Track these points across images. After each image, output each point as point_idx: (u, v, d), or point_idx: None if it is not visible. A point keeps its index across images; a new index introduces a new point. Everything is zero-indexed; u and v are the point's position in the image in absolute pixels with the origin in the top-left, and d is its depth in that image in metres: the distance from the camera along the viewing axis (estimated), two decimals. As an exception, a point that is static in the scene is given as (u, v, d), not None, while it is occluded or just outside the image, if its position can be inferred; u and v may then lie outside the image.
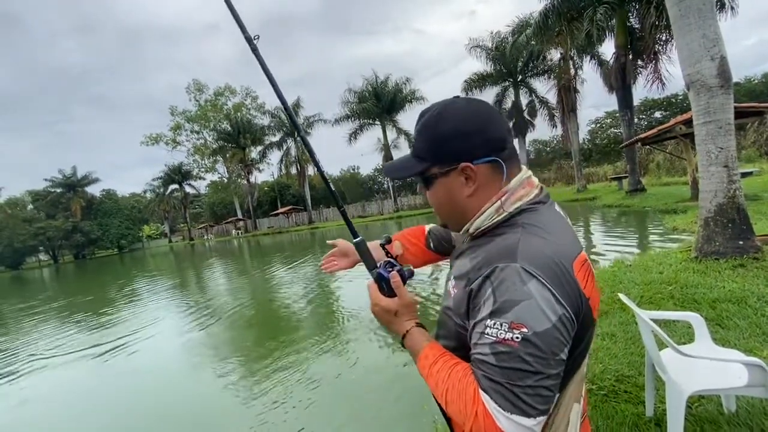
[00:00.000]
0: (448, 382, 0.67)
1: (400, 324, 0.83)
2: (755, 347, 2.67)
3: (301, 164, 39.14)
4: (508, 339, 0.59)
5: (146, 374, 4.82)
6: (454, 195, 0.75)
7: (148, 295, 11.29)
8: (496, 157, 0.72)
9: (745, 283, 3.72)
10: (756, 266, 4.08)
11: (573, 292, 0.63)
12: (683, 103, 34.87)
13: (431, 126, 0.75)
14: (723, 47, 4.32)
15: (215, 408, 3.73)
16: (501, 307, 0.61)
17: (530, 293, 0.60)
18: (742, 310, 3.24)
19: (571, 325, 0.62)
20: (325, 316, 6.30)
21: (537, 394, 0.59)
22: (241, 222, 47.49)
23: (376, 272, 0.86)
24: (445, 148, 0.73)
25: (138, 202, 62.30)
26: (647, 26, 13.50)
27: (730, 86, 4.33)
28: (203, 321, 6.96)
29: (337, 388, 3.75)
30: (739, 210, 4.39)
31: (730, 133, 4.39)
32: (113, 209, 53.53)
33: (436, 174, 0.75)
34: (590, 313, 0.67)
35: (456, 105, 0.75)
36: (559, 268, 0.63)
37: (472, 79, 26.69)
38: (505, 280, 0.62)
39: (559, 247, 0.67)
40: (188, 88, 48.61)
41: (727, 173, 4.39)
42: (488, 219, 0.73)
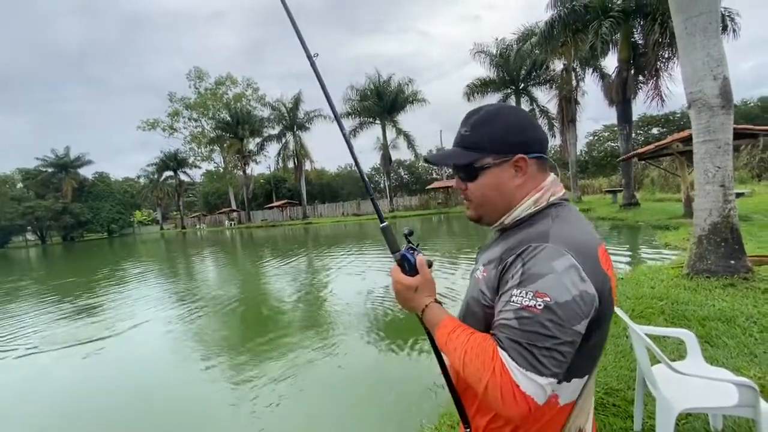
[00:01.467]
0: (467, 345, 0.73)
1: (420, 300, 0.88)
2: (743, 366, 2.69)
3: (298, 158, 38.95)
4: (531, 306, 0.66)
5: (129, 367, 4.72)
6: (503, 185, 0.82)
7: (135, 283, 11.14)
8: (543, 154, 0.83)
9: (735, 303, 3.75)
10: (745, 286, 4.12)
11: (597, 273, 0.71)
12: (680, 120, 35.26)
13: (489, 120, 0.83)
14: (726, 68, 4.35)
15: (198, 402, 3.68)
16: (528, 278, 0.69)
17: (555, 268, 0.68)
18: (730, 329, 3.27)
19: (593, 302, 0.69)
20: (315, 313, 6.26)
21: (552, 356, 0.66)
22: (235, 213, 47.16)
23: (399, 254, 0.92)
24: (502, 140, 0.81)
25: (131, 186, 61.61)
26: (651, 43, 13.62)
27: (730, 107, 4.37)
28: (191, 312, 6.88)
29: (323, 385, 3.72)
30: (733, 230, 4.43)
31: (729, 153, 4.42)
32: (105, 192, 52.88)
33: (489, 164, 0.82)
34: (610, 296, 0.75)
35: (509, 106, 0.87)
36: (587, 250, 0.72)
37: (474, 84, 26.75)
38: (535, 256, 0.70)
39: (585, 234, 0.76)
40: (189, 75, 48.24)
41: (723, 192, 4.43)
42: (525, 210, 0.81)
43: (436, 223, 24.27)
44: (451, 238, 15.81)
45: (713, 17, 4.31)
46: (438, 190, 36.10)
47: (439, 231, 19.12)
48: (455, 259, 9.84)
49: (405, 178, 49.16)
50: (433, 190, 36.35)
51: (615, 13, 14.14)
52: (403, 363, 4.03)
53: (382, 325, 5.22)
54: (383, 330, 5.05)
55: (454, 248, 12.09)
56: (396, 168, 45.09)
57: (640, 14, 14.35)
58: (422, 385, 3.33)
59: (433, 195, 37.01)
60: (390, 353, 4.30)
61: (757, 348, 2.90)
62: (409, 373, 3.83)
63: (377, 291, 7.12)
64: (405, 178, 49.16)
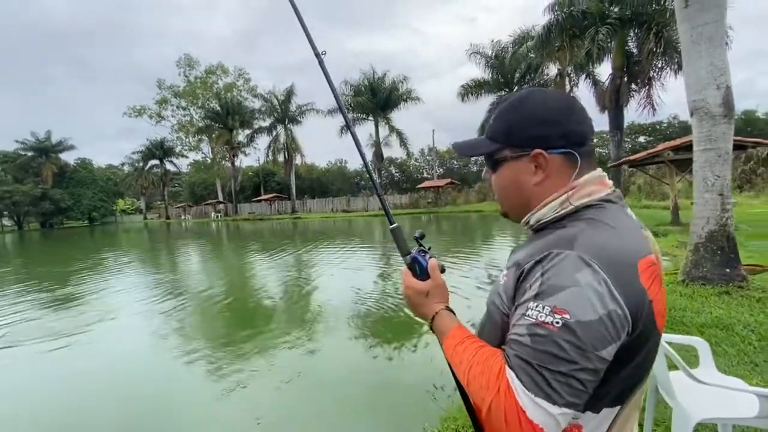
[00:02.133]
0: (473, 359, 0.66)
1: (430, 306, 0.84)
2: (744, 375, 2.69)
3: (289, 152, 38.53)
4: (548, 323, 0.57)
5: (106, 361, 4.53)
6: (520, 181, 0.75)
7: (114, 274, 10.82)
8: (572, 150, 0.72)
9: (731, 311, 3.79)
10: (740, 294, 4.17)
11: (634, 291, 0.60)
12: (667, 130, 36.08)
13: (513, 109, 0.75)
14: (729, 77, 4.39)
15: (177, 399, 3.54)
16: (546, 290, 0.59)
17: (578, 281, 0.58)
18: (730, 336, 3.29)
19: (623, 324, 0.58)
20: (304, 310, 6.13)
21: (567, 383, 0.56)
22: (222, 205, 46.46)
23: (410, 257, 0.88)
24: (521, 132, 0.73)
25: (114, 174, 60.10)
26: (645, 51, 13.83)
27: (732, 116, 4.41)
28: (172, 305, 6.68)
29: (318, 386, 3.62)
30: (729, 238, 4.48)
31: (728, 162, 4.47)
32: (87, 179, 51.44)
33: (507, 157, 0.76)
34: (653, 317, 0.63)
35: (542, 93, 0.76)
36: (622, 261, 0.61)
37: (469, 84, 26.86)
38: (556, 265, 0.60)
39: (624, 242, 0.64)
40: (179, 62, 47.24)
41: (721, 201, 4.47)
42: (551, 211, 0.72)
43: (425, 222, 24.29)
44: (439, 237, 15.82)
45: (719, 27, 4.34)
46: (428, 190, 36.17)
47: (428, 230, 19.13)
48: (441, 260, 9.81)
49: (396, 176, 49.15)
50: (424, 190, 36.41)
51: (612, 20, 14.31)
52: (400, 364, 3.96)
53: (376, 324, 5.14)
54: (377, 329, 4.97)
55: (441, 248, 12.08)
56: (387, 166, 45.01)
57: (636, 23, 14.56)
58: (421, 388, 3.26)
59: (423, 194, 37.06)
60: (386, 354, 4.23)
61: (757, 356, 2.92)
62: (406, 374, 3.75)
63: (369, 289, 7.04)
64: (396, 176, 49.15)
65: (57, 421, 3.27)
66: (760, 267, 5.08)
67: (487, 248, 11.99)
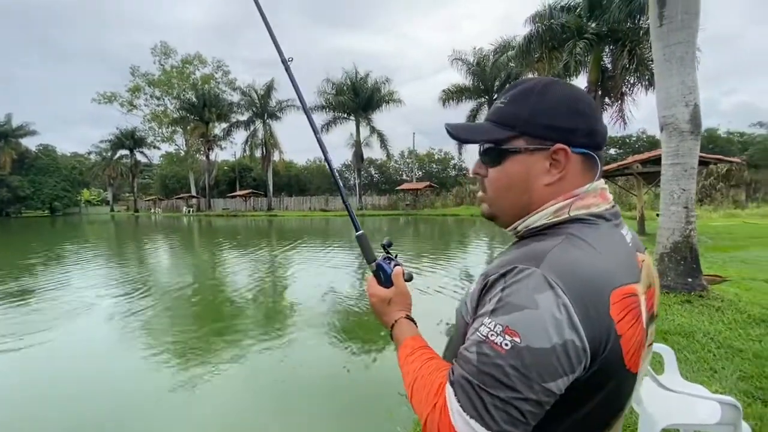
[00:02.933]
0: (418, 372, 0.65)
1: (391, 314, 0.82)
2: (704, 381, 2.80)
3: (267, 148, 37.81)
4: (497, 343, 0.53)
5: (65, 362, 4.29)
6: (530, 179, 0.65)
7: (72, 268, 10.28)
8: (594, 152, 0.64)
9: (692, 319, 3.96)
10: (701, 303, 4.37)
11: (599, 323, 0.53)
12: (636, 143, 37.73)
13: (535, 92, 0.65)
14: (698, 96, 4.60)
15: (139, 403, 3.38)
16: (503, 307, 0.55)
17: (537, 303, 0.52)
18: (691, 344, 3.43)
19: (579, 358, 0.52)
20: (272, 309, 6.01)
21: (505, 410, 0.52)
22: (195, 199, 45.11)
23: (375, 264, 0.87)
24: (544, 120, 0.63)
25: (80, 163, 57.25)
26: (619, 67, 14.40)
27: (699, 133, 4.63)
28: (138, 303, 6.40)
29: (288, 389, 3.53)
30: (692, 249, 4.69)
31: (693, 176, 4.69)
32: (50, 167, 48.76)
33: (520, 148, 0.64)
34: (620, 354, 0.56)
35: (565, 83, 0.67)
36: (590, 289, 0.54)
37: (450, 90, 27.19)
38: (518, 282, 0.55)
39: (602, 266, 0.57)
40: (154, 50, 45.60)
41: (685, 214, 4.68)
42: (543, 218, 0.65)
43: (402, 224, 24.38)
44: (415, 239, 15.90)
45: (690, 48, 4.54)
46: (407, 192, 36.36)
47: (405, 232, 19.21)
48: (414, 262, 9.86)
49: (375, 177, 49.13)
50: (402, 192, 36.57)
51: (589, 35, 14.82)
52: (374, 366, 3.92)
53: (349, 326, 5.08)
54: (351, 331, 4.91)
55: (415, 251, 12.13)
56: (367, 166, 44.95)
57: (611, 39, 15.13)
58: (395, 391, 3.23)
59: (401, 196, 37.21)
60: (359, 355, 4.18)
61: (717, 363, 3.05)
62: (381, 376, 3.72)
63: (341, 290, 6.96)
64: (375, 177, 49.13)
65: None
66: (719, 277, 5.35)
67: (464, 252, 12.13)
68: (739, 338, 3.48)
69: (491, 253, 11.56)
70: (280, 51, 1.12)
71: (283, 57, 1.10)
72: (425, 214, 31.55)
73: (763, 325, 3.74)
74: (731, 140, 35.58)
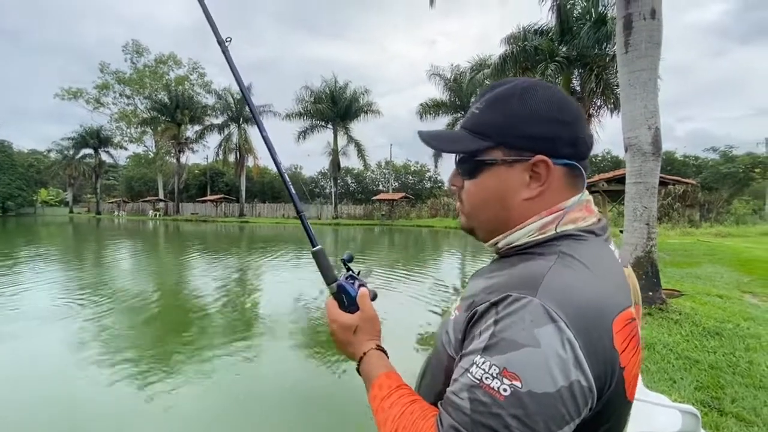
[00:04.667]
0: (400, 420, 0.55)
1: (358, 345, 0.71)
2: (664, 390, 2.92)
3: (241, 153, 37.09)
4: (494, 388, 0.46)
5: (11, 373, 3.98)
6: (507, 193, 0.59)
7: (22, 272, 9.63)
8: (578, 163, 0.59)
9: (653, 331, 4.14)
10: (660, 316, 4.59)
11: (604, 357, 0.48)
12: (601, 163, 39.58)
13: (512, 98, 0.59)
14: (659, 120, 4.90)
15: (96, 417, 3.17)
16: (498, 344, 0.47)
17: (538, 340, 0.46)
18: (651, 355, 3.57)
19: (586, 399, 0.47)
20: (238, 318, 5.82)
21: None
22: (162, 203, 43.43)
23: (335, 285, 0.75)
24: (522, 130, 0.57)
25: (38, 161, 54.05)
26: (587, 90, 15.14)
27: (659, 155, 4.91)
28: (94, 311, 6.05)
29: (241, 401, 3.41)
30: (653, 264, 4.93)
31: (654, 195, 4.95)
32: (4, 164, 45.69)
33: (496, 160, 0.59)
34: (622, 389, 0.51)
35: (550, 87, 0.60)
36: (595, 319, 0.48)
37: (427, 104, 27.72)
38: (513, 314, 0.48)
39: (602, 290, 0.51)
40: (125, 48, 44.20)
41: (647, 230, 4.92)
42: (526, 236, 0.59)
43: (377, 234, 24.38)
44: (390, 250, 15.92)
45: (653, 74, 4.85)
46: (383, 202, 36.47)
47: (380, 242, 19.21)
48: (386, 273, 9.86)
49: (352, 187, 49.05)
50: (378, 202, 36.66)
51: (560, 58, 15.56)
52: (343, 377, 3.84)
53: (317, 335, 4.98)
54: (319, 340, 4.82)
55: (389, 262, 12.15)
56: (344, 175, 44.85)
57: (580, 63, 15.94)
58: (364, 403, 3.17)
59: (377, 206, 37.28)
60: (327, 366, 4.09)
61: (676, 374, 3.19)
62: (349, 387, 3.65)
63: (311, 299, 6.85)
64: (352, 187, 49.05)
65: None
66: (677, 292, 5.63)
67: (437, 261, 12.24)
68: (696, 349, 3.66)
69: (463, 260, 11.71)
70: (216, 30, 0.94)
71: (220, 37, 0.94)
72: (400, 224, 31.71)
73: (717, 338, 3.96)
74: (687, 163, 38.01)
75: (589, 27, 14.32)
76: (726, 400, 2.73)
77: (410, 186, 46.05)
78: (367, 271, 9.04)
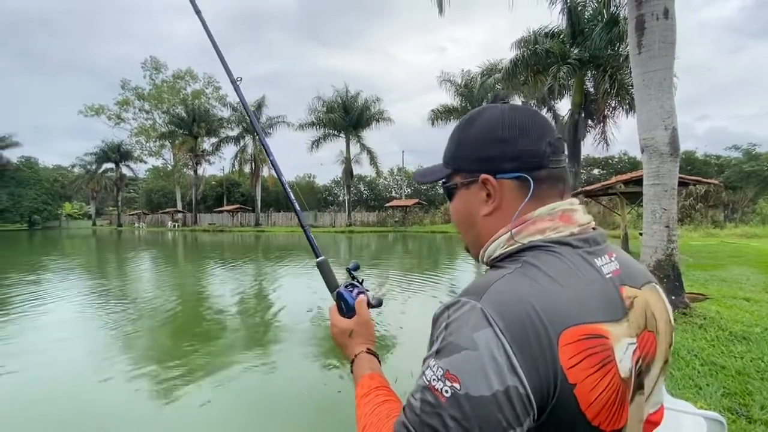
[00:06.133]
0: (370, 417, 0.62)
1: (352, 347, 0.79)
2: (690, 398, 2.84)
3: (256, 163, 37.78)
4: (438, 389, 0.48)
5: (39, 382, 4.13)
6: (471, 212, 0.65)
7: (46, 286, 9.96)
8: (525, 174, 0.60)
9: (677, 336, 4.02)
10: (684, 321, 4.45)
11: (544, 369, 0.47)
12: (618, 164, 38.81)
13: (461, 128, 0.66)
14: (676, 120, 4.80)
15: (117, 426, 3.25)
16: (444, 347, 0.50)
17: (476, 344, 0.47)
18: (676, 361, 3.47)
19: (525, 407, 0.46)
20: (254, 329, 5.88)
21: None
22: (180, 214, 44.45)
23: (336, 292, 0.83)
24: (468, 155, 0.64)
25: (63, 176, 56.13)
26: (601, 91, 14.95)
27: (677, 155, 4.81)
28: (116, 320, 6.22)
29: (256, 408, 3.44)
30: (674, 267, 4.81)
31: (674, 197, 4.84)
32: (31, 179, 47.70)
33: (458, 184, 0.66)
34: (575, 407, 0.48)
35: (496, 108, 0.64)
36: (535, 325, 0.48)
37: (439, 110, 27.76)
38: (458, 319, 0.50)
39: (553, 301, 0.50)
40: (144, 65, 45.70)
41: (667, 233, 4.81)
42: (499, 248, 0.61)
43: (391, 240, 24.37)
44: (404, 256, 15.88)
45: (668, 74, 4.77)
46: (396, 209, 36.51)
47: (394, 248, 19.19)
48: (400, 280, 9.84)
49: (365, 194, 49.27)
50: (392, 208, 36.71)
51: (572, 60, 15.42)
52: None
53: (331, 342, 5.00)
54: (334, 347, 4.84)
55: (401, 268, 12.12)
56: (356, 183, 45.12)
57: (593, 65, 15.76)
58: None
59: (390, 213, 37.33)
60: (341, 372, 4.10)
61: (701, 380, 3.09)
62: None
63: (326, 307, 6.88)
64: (365, 194, 49.27)
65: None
66: (702, 295, 5.46)
67: (452, 266, 12.16)
68: (722, 355, 3.55)
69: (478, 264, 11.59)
70: (229, 71, 1.17)
71: (232, 77, 1.16)
72: (414, 230, 31.62)
73: (744, 342, 3.82)
74: (708, 162, 36.94)
75: (601, 28, 14.18)
76: (755, 407, 2.63)
77: (423, 192, 45.98)
78: (379, 291, 9.03)
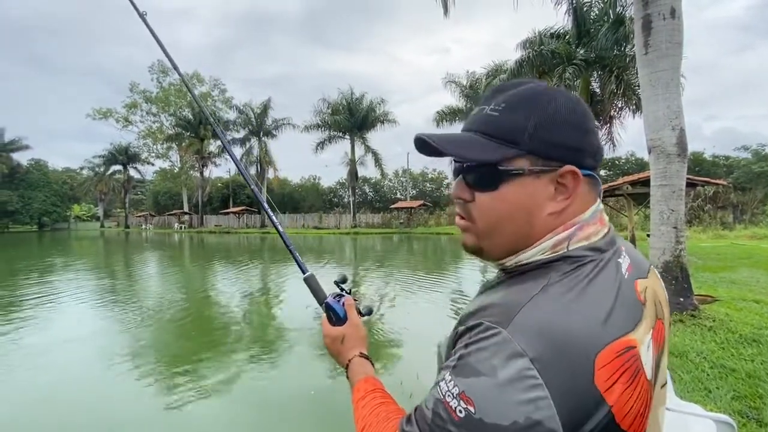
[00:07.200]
0: (367, 420, 0.62)
1: (345, 353, 0.79)
2: (699, 401, 2.81)
3: (262, 165, 37.97)
4: (452, 406, 0.46)
5: (47, 381, 4.18)
6: (530, 207, 0.53)
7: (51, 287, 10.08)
8: (596, 175, 0.56)
9: (685, 338, 3.99)
10: (693, 323, 4.41)
11: (579, 396, 0.44)
12: (624, 165, 38.49)
13: (538, 101, 0.52)
14: (683, 120, 4.76)
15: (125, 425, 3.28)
16: (463, 366, 0.47)
17: (497, 371, 0.44)
18: (684, 363, 3.44)
19: None
20: (264, 329, 5.92)
21: None
22: (187, 216, 44.79)
23: (324, 303, 0.86)
24: (553, 136, 0.52)
25: (71, 178, 56.84)
26: (607, 92, 14.86)
27: (685, 156, 4.77)
28: (124, 321, 6.28)
29: (263, 410, 3.46)
30: (683, 269, 4.76)
31: (681, 197, 4.80)
32: (40, 182, 48.37)
33: (523, 170, 0.52)
34: (611, 424, 0.46)
35: (565, 93, 0.55)
36: (569, 353, 0.45)
37: (444, 111, 27.73)
38: (481, 342, 0.47)
39: (587, 324, 0.47)
40: (152, 68, 46.10)
41: (675, 234, 4.77)
42: (538, 254, 0.54)
43: (396, 242, 24.36)
44: (409, 257, 15.87)
45: (675, 74, 4.73)
46: (401, 210, 36.49)
47: (399, 249, 19.18)
48: (405, 283, 9.83)
49: (369, 196, 49.32)
50: (396, 210, 36.70)
51: (577, 61, 15.35)
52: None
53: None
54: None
55: (406, 268, 12.10)
56: (361, 184, 45.19)
57: (599, 65, 15.68)
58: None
59: (395, 214, 37.32)
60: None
61: (710, 383, 3.06)
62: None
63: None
64: (369, 196, 49.32)
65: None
66: (710, 297, 5.41)
67: (458, 267, 12.13)
68: (732, 358, 3.51)
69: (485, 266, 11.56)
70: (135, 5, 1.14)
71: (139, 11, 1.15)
72: (419, 232, 31.60)
73: (754, 345, 3.78)
74: (717, 163, 36.52)
75: (607, 28, 14.09)
76: (765, 410, 2.60)
77: (428, 193, 45.94)
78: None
